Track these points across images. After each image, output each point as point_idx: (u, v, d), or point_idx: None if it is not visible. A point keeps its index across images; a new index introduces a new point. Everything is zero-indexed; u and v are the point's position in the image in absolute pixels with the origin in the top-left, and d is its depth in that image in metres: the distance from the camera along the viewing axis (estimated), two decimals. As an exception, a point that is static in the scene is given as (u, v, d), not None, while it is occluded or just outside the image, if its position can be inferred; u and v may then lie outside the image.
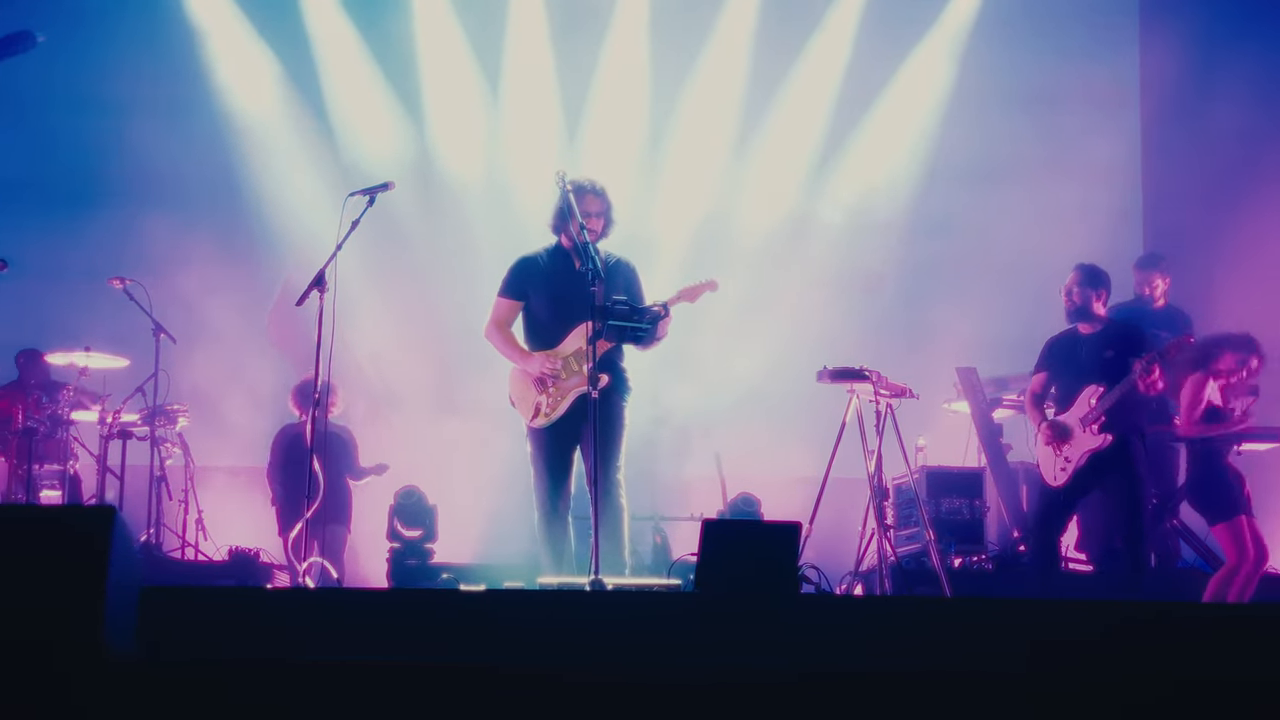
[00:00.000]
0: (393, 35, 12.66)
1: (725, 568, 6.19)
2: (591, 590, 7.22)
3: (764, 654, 5.56)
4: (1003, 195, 12.50)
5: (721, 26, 12.73)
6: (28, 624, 4.01)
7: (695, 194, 12.59)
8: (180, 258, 11.83)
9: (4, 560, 4.08)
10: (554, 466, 8.19)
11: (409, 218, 12.25)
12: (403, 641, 5.52)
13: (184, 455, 11.52)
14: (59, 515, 4.35)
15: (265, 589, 9.44)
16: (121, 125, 12.20)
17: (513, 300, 8.35)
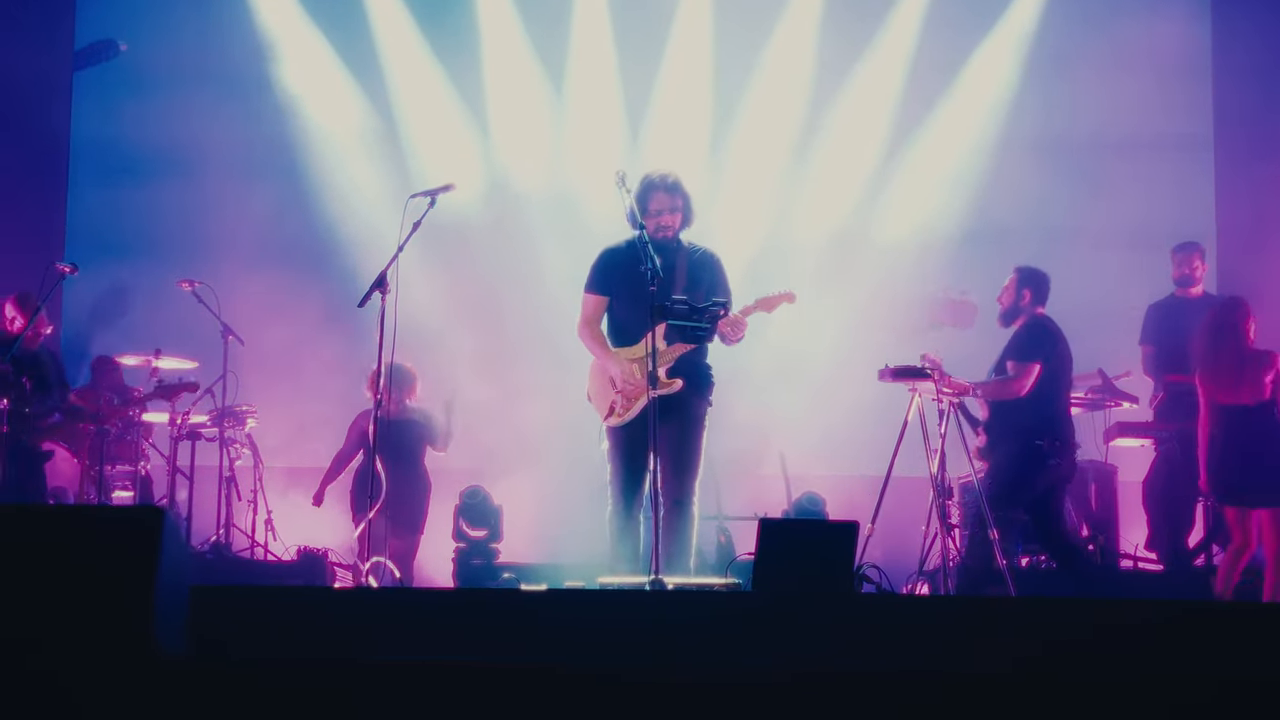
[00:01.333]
0: (458, 39, 12.71)
1: (783, 567, 6.18)
2: (650, 590, 7.22)
3: (821, 653, 5.55)
4: (1072, 191, 12.38)
5: (784, 26, 12.67)
6: (79, 622, 4.06)
7: (759, 193, 12.54)
8: (247, 260, 11.95)
9: (56, 560, 4.14)
10: (629, 465, 8.12)
11: (473, 220, 12.31)
12: (461, 641, 5.55)
13: (253, 456, 11.64)
14: (109, 515, 4.40)
15: (319, 588, 9.50)
16: (191, 129, 12.34)
17: (599, 295, 8.31)
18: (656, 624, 5.79)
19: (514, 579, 9.68)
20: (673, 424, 7.91)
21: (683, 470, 8.04)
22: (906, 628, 5.78)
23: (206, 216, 12.34)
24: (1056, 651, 5.64)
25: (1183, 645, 5.58)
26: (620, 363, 8.10)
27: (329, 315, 11.44)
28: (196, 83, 12.35)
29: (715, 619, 5.86)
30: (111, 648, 4.00)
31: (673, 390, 7.89)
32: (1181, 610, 6.40)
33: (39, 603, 4.10)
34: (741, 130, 12.71)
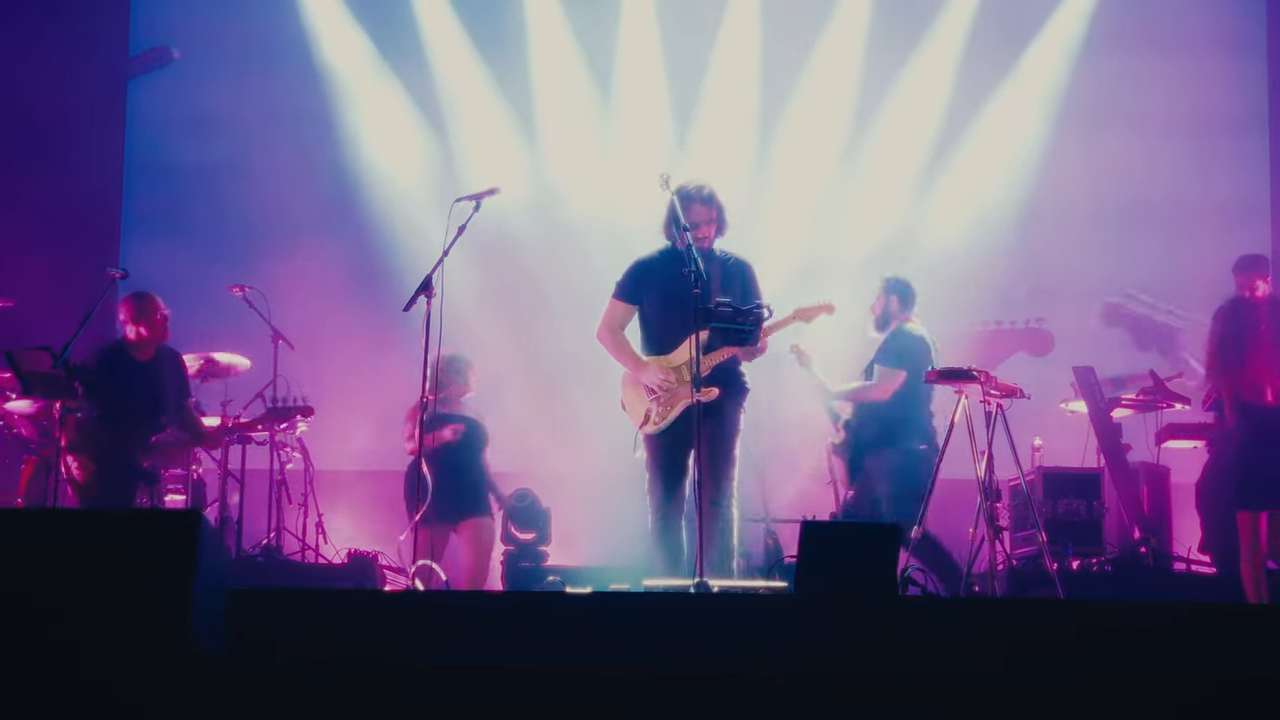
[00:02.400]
0: (505, 43, 12.76)
1: (825, 569, 6.16)
2: (695, 593, 7.23)
3: (863, 655, 5.54)
4: (1124, 197, 12.29)
5: (830, 32, 12.65)
6: (118, 624, 4.10)
7: (804, 199, 12.51)
8: (295, 265, 12.02)
9: (95, 562, 4.18)
10: (667, 472, 8.19)
11: (518, 223, 12.36)
12: (504, 644, 5.57)
13: (304, 459, 11.70)
14: (148, 518, 4.44)
15: (360, 590, 9.54)
16: (238, 133, 12.43)
17: (627, 303, 8.38)
18: (700, 627, 5.80)
19: (559, 582, 9.69)
20: (707, 428, 7.93)
21: (718, 473, 8.06)
22: (950, 630, 5.76)
23: (254, 220, 12.42)
24: (1104, 653, 5.61)
25: (1232, 646, 5.55)
26: (655, 370, 8.13)
27: (376, 319, 11.49)
28: (245, 86, 12.40)
29: (758, 621, 5.86)
30: (150, 649, 4.04)
31: (709, 398, 7.90)
32: (1241, 612, 6.37)
33: (79, 604, 4.15)
34: (787, 136, 12.69)
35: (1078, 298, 12.35)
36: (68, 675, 4.00)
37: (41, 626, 4.11)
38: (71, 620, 4.10)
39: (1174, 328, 11.38)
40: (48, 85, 12.22)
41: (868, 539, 6.40)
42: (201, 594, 4.14)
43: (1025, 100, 12.55)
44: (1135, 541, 10.32)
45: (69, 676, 3.99)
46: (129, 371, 9.64)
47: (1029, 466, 10.47)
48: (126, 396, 9.57)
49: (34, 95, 12.17)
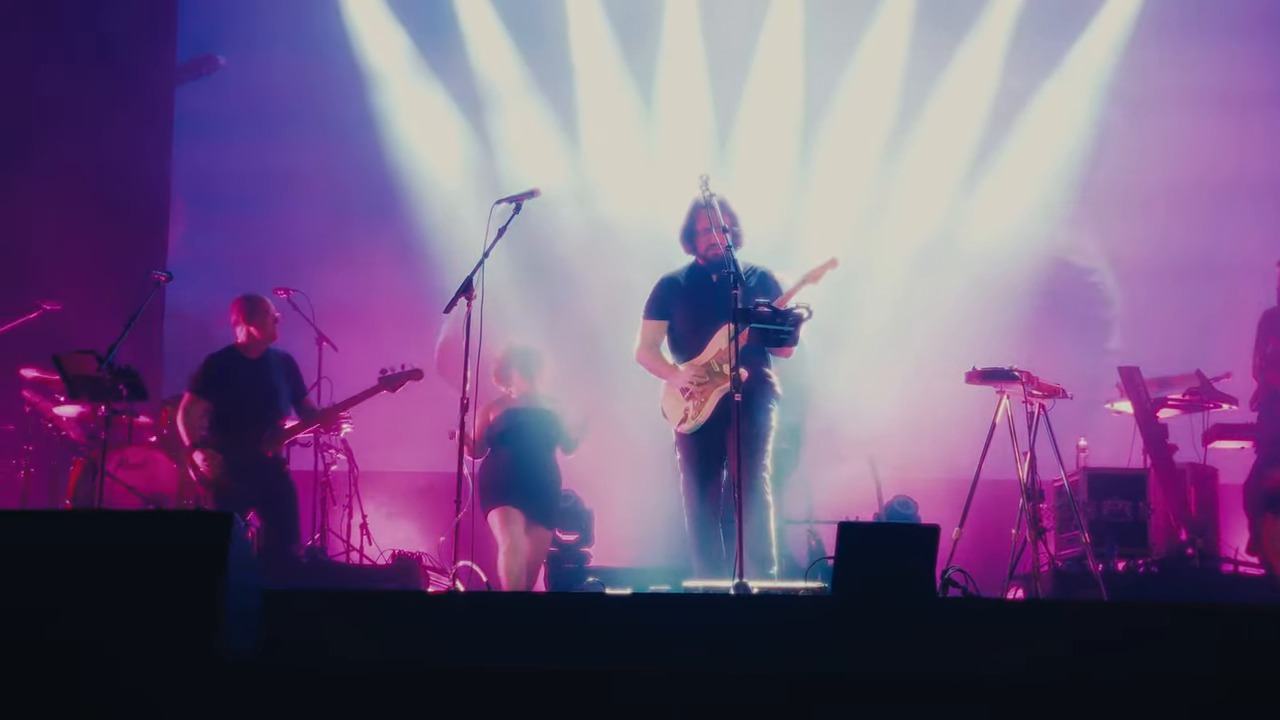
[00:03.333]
0: (547, 45, 12.76)
1: (863, 571, 6.15)
2: (734, 594, 7.22)
3: (902, 656, 5.52)
4: (1170, 195, 12.20)
5: (873, 33, 12.59)
6: (148, 625, 4.13)
7: (848, 199, 12.45)
8: (337, 267, 12.08)
9: (126, 563, 4.21)
10: (702, 471, 8.26)
11: (559, 224, 12.38)
12: (542, 645, 5.58)
13: (348, 461, 11.76)
14: (178, 520, 4.47)
15: (394, 592, 9.56)
16: (281, 136, 12.52)
17: (657, 320, 8.51)
18: (739, 628, 5.80)
19: (598, 583, 9.70)
20: (740, 422, 7.92)
21: (752, 461, 8.05)
22: (991, 631, 5.74)
23: (297, 222, 12.48)
24: (1149, 654, 5.57)
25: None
26: (685, 371, 8.25)
27: (419, 319, 11.52)
28: (288, 88, 12.47)
29: (796, 623, 5.85)
30: (181, 650, 4.07)
31: (741, 379, 7.87)
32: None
33: (108, 606, 4.18)
34: (830, 136, 12.63)
35: (1128, 289, 12.23)
36: (99, 676, 4.03)
37: (74, 627, 4.15)
38: (103, 621, 4.13)
39: None
40: (96, 89, 12.32)
41: (905, 540, 6.39)
42: (234, 596, 4.16)
43: (1072, 92, 12.44)
44: (1182, 543, 10.22)
45: (100, 677, 4.02)
46: (242, 371, 9.73)
47: (1073, 467, 10.41)
48: (242, 397, 9.66)
49: (82, 99, 12.28)
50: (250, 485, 9.58)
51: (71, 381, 10.17)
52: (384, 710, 4.74)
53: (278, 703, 4.34)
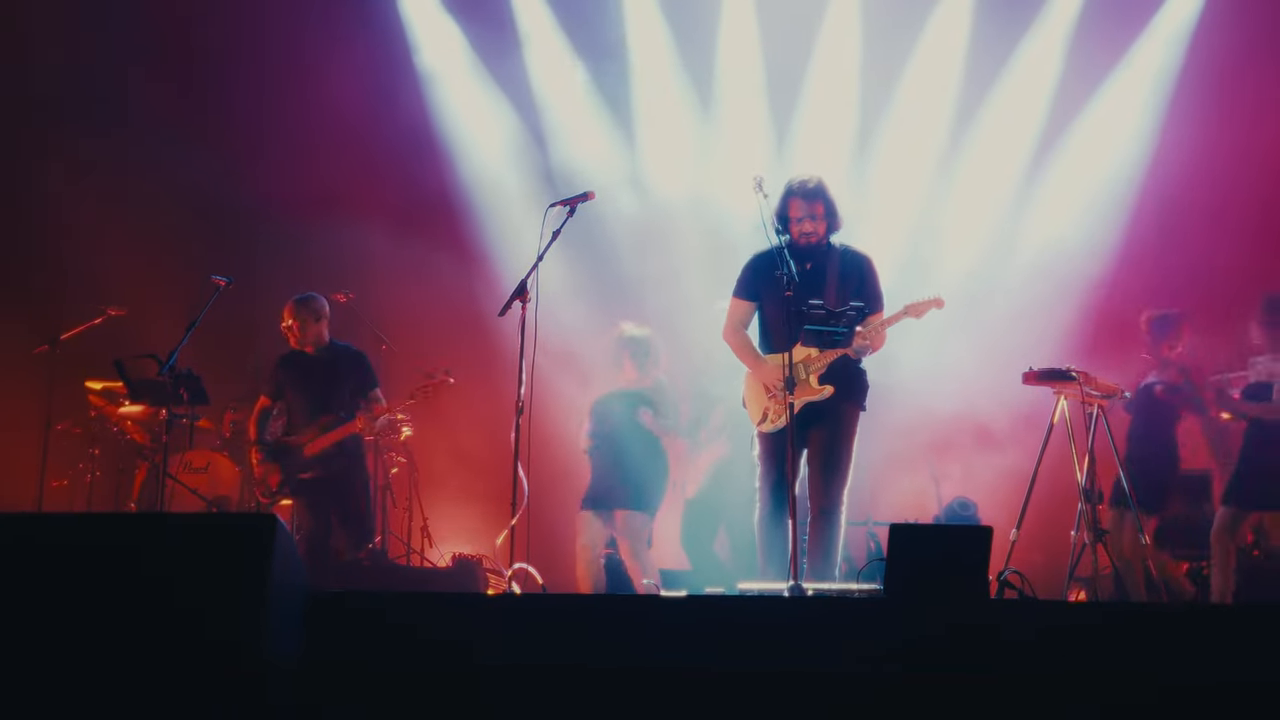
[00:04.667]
0: (605, 45, 12.78)
1: (915, 572, 6.11)
2: (788, 596, 7.21)
3: (955, 658, 5.49)
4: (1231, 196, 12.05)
5: (931, 32, 12.51)
6: (192, 628, 4.17)
7: (906, 199, 12.40)
8: (394, 269, 12.15)
9: (170, 566, 4.25)
10: (779, 471, 8.12)
11: (616, 226, 12.40)
12: (597, 646, 5.59)
13: (409, 463, 11.83)
14: (223, 523, 4.51)
15: (443, 594, 9.56)
16: (340, 139, 12.61)
17: (746, 301, 8.36)
18: (793, 629, 5.78)
19: (653, 584, 9.69)
20: (824, 431, 7.92)
21: (832, 477, 8.01)
22: (1046, 633, 5.69)
23: (355, 225, 12.56)
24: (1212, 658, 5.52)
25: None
26: (771, 369, 8.11)
27: (475, 321, 11.57)
28: (349, 96, 12.55)
29: (850, 624, 5.83)
30: (223, 653, 4.10)
31: (823, 396, 7.89)
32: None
33: (153, 608, 4.22)
34: (888, 136, 12.57)
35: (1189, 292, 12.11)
36: (142, 678, 4.07)
37: (118, 628, 4.19)
38: (144, 624, 4.18)
39: None
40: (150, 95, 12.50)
41: (957, 541, 6.34)
42: (278, 599, 4.19)
43: (1133, 94, 12.30)
44: (1248, 544, 10.10)
45: (143, 679, 4.07)
46: (301, 370, 9.78)
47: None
48: (300, 395, 9.71)
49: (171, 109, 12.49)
50: (315, 484, 9.61)
51: (133, 386, 10.33)
52: (436, 711, 4.76)
53: (323, 704, 4.37)
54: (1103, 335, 11.31)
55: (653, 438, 9.91)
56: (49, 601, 4.24)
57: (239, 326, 11.96)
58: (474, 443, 11.82)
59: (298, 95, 12.56)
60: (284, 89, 12.59)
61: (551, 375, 10.96)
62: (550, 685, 5.19)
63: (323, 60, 12.38)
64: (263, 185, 12.53)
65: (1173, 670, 5.44)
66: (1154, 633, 5.73)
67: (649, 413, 9.85)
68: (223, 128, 12.71)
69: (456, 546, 11.58)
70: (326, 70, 12.37)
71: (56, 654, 4.16)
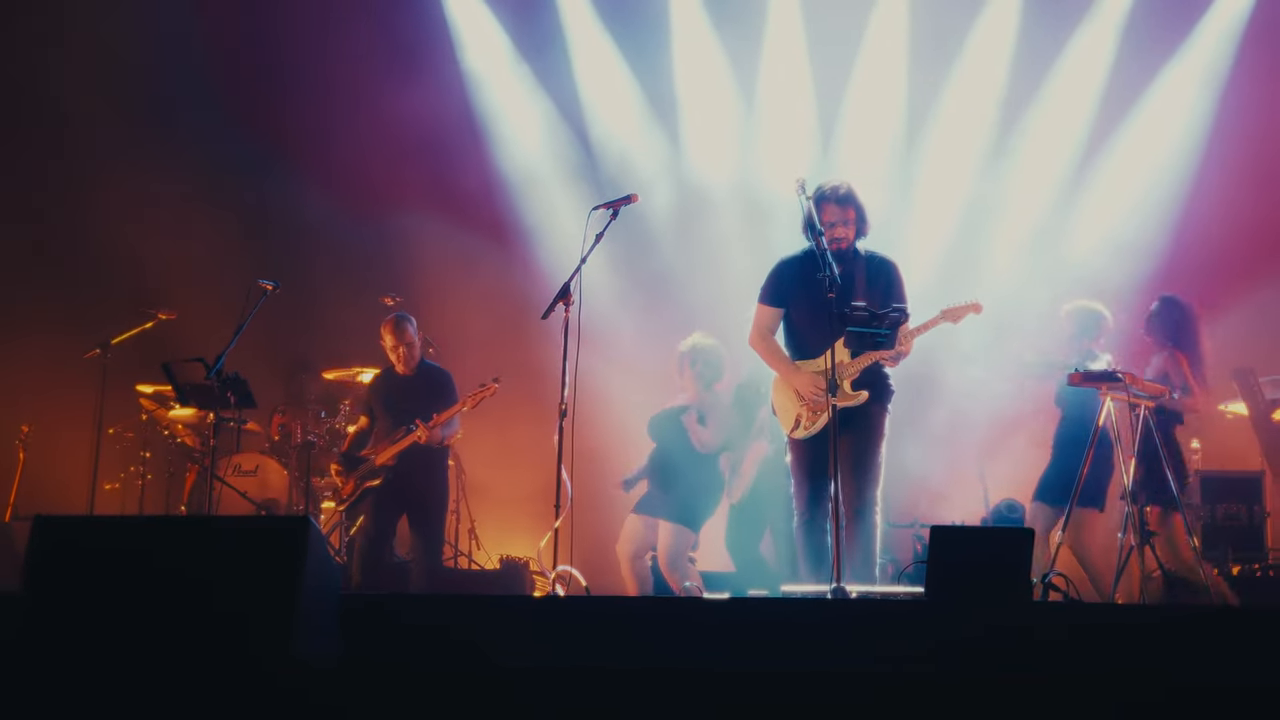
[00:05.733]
0: (649, 46, 12.77)
1: (956, 574, 6.09)
2: (831, 598, 7.19)
3: (995, 659, 5.48)
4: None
5: (978, 33, 12.42)
6: (226, 629, 4.20)
7: (951, 200, 12.32)
8: (442, 272, 12.19)
9: (204, 568, 4.29)
10: (812, 477, 8.10)
11: (661, 227, 12.41)
12: (636, 648, 5.60)
13: (457, 466, 11.87)
14: (256, 526, 4.54)
15: (483, 596, 9.61)
16: (386, 142, 12.66)
17: (773, 307, 8.32)
18: (835, 631, 5.78)
19: (695, 587, 9.68)
20: (854, 434, 7.89)
21: (863, 480, 7.99)
22: (1087, 635, 5.67)
23: (401, 229, 12.62)
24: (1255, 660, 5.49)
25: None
26: (804, 376, 8.09)
27: (520, 324, 11.60)
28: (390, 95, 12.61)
29: (890, 626, 5.82)
30: (257, 654, 4.13)
31: (857, 402, 7.88)
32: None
33: (186, 610, 4.25)
34: (933, 137, 12.51)
35: (1244, 290, 12.01)
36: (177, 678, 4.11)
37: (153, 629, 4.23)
38: (179, 625, 4.21)
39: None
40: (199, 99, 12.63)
41: (999, 543, 6.32)
42: (311, 602, 4.21)
43: (1184, 93, 12.19)
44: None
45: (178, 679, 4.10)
46: (388, 388, 9.89)
47: (1188, 471, 10.24)
48: (386, 413, 9.79)
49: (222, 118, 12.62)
50: (386, 493, 9.67)
51: (181, 389, 10.41)
52: (472, 712, 4.77)
53: (359, 705, 4.39)
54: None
55: (704, 454, 9.90)
56: (89, 602, 4.29)
57: (286, 330, 12.05)
58: (521, 445, 11.84)
59: (344, 98, 12.65)
60: (331, 92, 12.68)
61: (597, 377, 10.97)
62: (586, 687, 5.19)
63: (369, 63, 12.48)
64: (310, 189, 12.62)
65: (1220, 672, 5.41)
66: (1200, 636, 5.69)
67: (693, 416, 9.84)
68: (271, 132, 12.78)
69: (504, 549, 11.62)
70: (373, 73, 12.46)
71: (96, 652, 4.20)
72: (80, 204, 12.51)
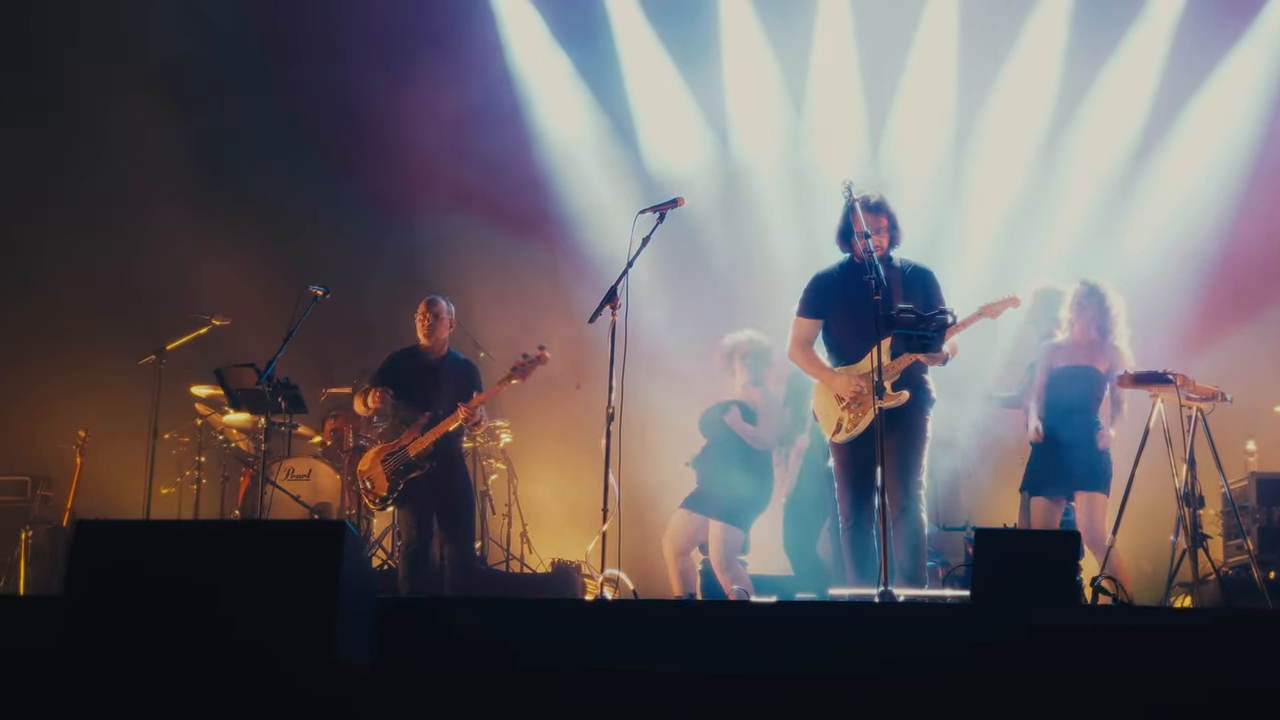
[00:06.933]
0: (698, 45, 12.76)
1: (1002, 578, 6.06)
2: (879, 602, 7.17)
3: (1040, 662, 5.44)
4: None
5: (1030, 29, 12.34)
6: (264, 633, 4.23)
7: (999, 201, 12.26)
8: (494, 276, 12.22)
9: (242, 572, 4.32)
10: (856, 480, 8.12)
11: (709, 229, 12.41)
12: (683, 651, 5.60)
13: (508, 470, 11.92)
14: (292, 531, 4.57)
15: (533, 600, 9.62)
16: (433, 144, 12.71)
17: (812, 319, 8.36)
18: (881, 634, 5.76)
19: (743, 591, 9.67)
20: (897, 435, 7.89)
21: (909, 477, 8.00)
22: (1137, 638, 5.62)
23: (452, 233, 12.66)
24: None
25: None
26: (846, 379, 8.09)
27: (568, 328, 11.61)
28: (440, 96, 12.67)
29: (938, 629, 5.80)
30: (293, 658, 4.15)
31: (900, 402, 7.88)
32: None
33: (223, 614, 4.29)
34: (983, 136, 12.44)
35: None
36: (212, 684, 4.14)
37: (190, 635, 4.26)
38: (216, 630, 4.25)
39: None
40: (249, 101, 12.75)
41: (1044, 546, 6.28)
42: (348, 606, 4.24)
43: (1237, 94, 12.05)
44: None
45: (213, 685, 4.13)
46: (414, 370, 9.77)
47: (1243, 472, 10.14)
48: (409, 394, 9.69)
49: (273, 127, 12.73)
50: (418, 488, 9.64)
51: (234, 395, 10.50)
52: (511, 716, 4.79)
53: (396, 708, 4.42)
54: (1206, 336, 11.14)
55: (755, 451, 9.89)
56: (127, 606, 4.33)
57: (337, 336, 12.12)
58: (570, 448, 11.87)
59: (399, 106, 12.69)
60: (386, 99, 12.75)
61: (644, 381, 10.99)
62: (628, 690, 5.20)
63: (415, 65, 12.52)
64: (359, 193, 12.70)
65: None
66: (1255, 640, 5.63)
67: (736, 412, 9.84)
68: (321, 136, 12.88)
69: (557, 552, 11.64)
70: (419, 75, 12.50)
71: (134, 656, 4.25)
72: (136, 213, 12.64)
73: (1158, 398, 8.73)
